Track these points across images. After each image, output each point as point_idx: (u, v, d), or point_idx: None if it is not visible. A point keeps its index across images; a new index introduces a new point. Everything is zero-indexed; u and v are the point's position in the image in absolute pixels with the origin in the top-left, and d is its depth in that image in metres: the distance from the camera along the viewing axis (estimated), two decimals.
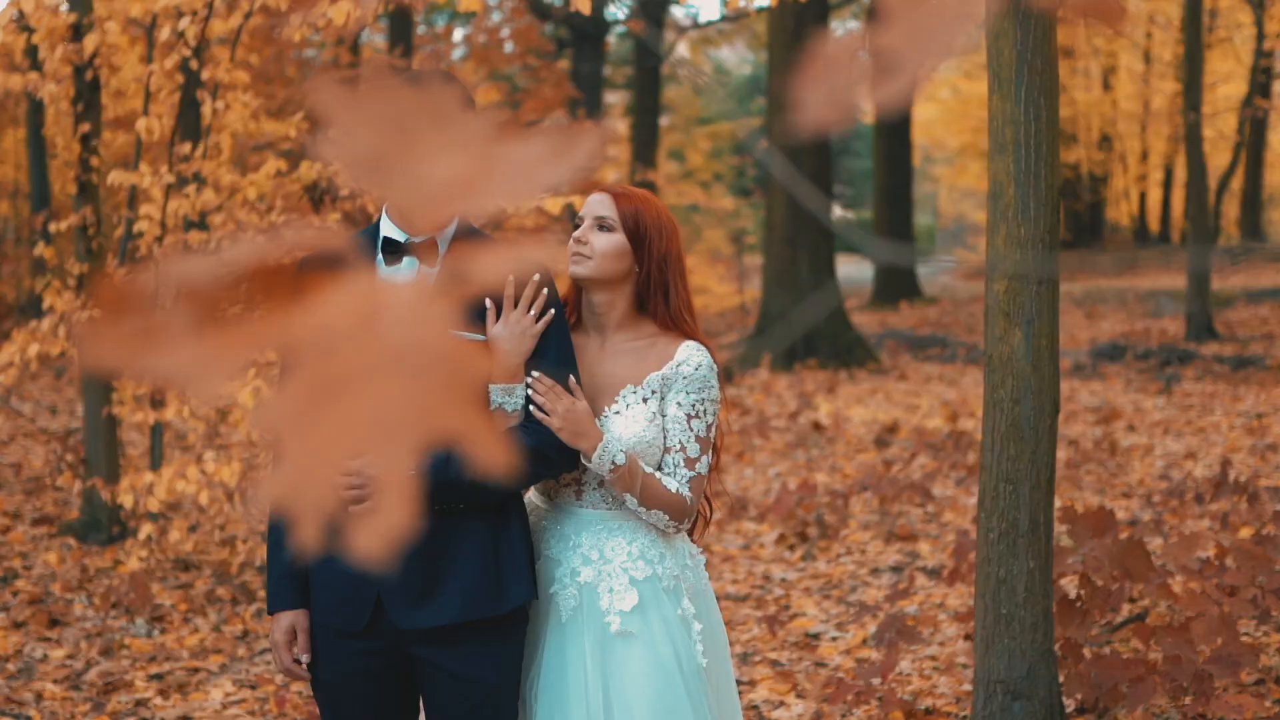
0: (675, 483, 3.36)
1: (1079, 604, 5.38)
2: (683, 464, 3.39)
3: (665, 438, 3.40)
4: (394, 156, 1.03)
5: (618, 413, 3.38)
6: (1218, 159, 30.02)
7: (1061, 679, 5.19)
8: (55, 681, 6.48)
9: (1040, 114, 4.88)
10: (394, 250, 3.27)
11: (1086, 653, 5.28)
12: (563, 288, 3.49)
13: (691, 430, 3.41)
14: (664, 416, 3.41)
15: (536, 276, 3.23)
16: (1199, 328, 18.20)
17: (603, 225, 3.42)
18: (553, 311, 3.26)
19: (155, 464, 8.16)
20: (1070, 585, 6.62)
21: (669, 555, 3.43)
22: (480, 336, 3.19)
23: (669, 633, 3.38)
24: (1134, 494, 10.00)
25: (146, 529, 7.61)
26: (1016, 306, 4.91)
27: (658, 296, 3.48)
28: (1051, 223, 4.92)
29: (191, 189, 7.98)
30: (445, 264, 3.29)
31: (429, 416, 0.88)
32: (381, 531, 0.86)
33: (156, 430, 8.22)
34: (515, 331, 3.21)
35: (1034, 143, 4.87)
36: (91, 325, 0.94)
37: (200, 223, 8.31)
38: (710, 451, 3.47)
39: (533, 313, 3.23)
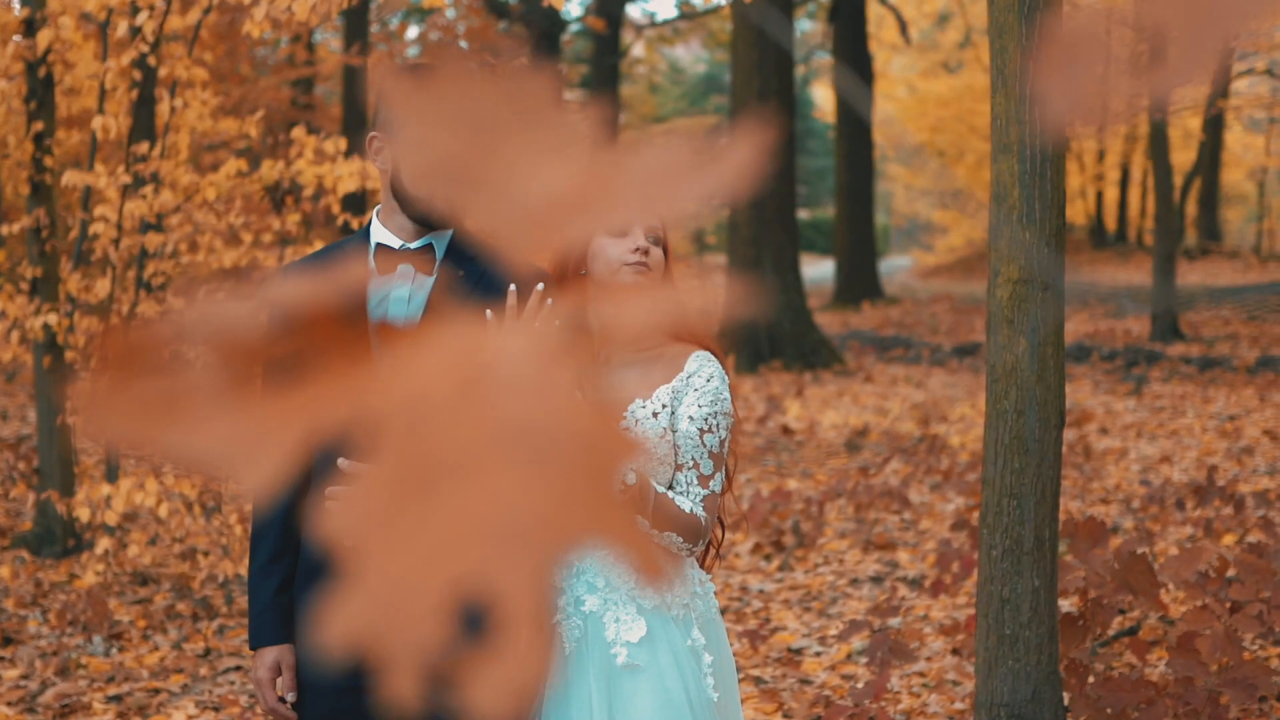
0: (689, 502, 3.14)
1: (1081, 622, 5.18)
2: (696, 482, 3.17)
3: (676, 454, 3.18)
4: (480, 165, 0.79)
5: (626, 429, 3.15)
6: (1176, 159, 30.00)
7: (1066, 701, 4.98)
8: (9, 704, 6.20)
9: (1046, 113, 4.68)
10: (387, 258, 3.06)
11: (1092, 674, 5.08)
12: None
13: (705, 446, 3.19)
14: (675, 432, 3.19)
15: (540, 286, 3.01)
16: (1164, 328, 18.11)
17: (654, 237, 3.20)
18: (557, 323, 3.03)
19: (112, 475, 7.88)
20: (1066, 601, 6.44)
21: (678, 582, 3.21)
22: None
23: (678, 665, 3.16)
24: (1112, 500, 9.83)
25: (104, 543, 7.33)
26: (1021, 314, 4.71)
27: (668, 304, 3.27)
28: (1057, 226, 4.72)
29: (149, 189, 7.70)
30: (441, 272, 3.08)
31: (565, 514, 0.65)
32: (509, 679, 0.63)
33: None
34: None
35: (1040, 142, 4.67)
36: (99, 388, 0.71)
37: (157, 225, 8.04)
38: (724, 469, 3.25)
39: (536, 324, 3.00)
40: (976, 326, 21.32)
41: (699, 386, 3.21)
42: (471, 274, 3.10)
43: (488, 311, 3.00)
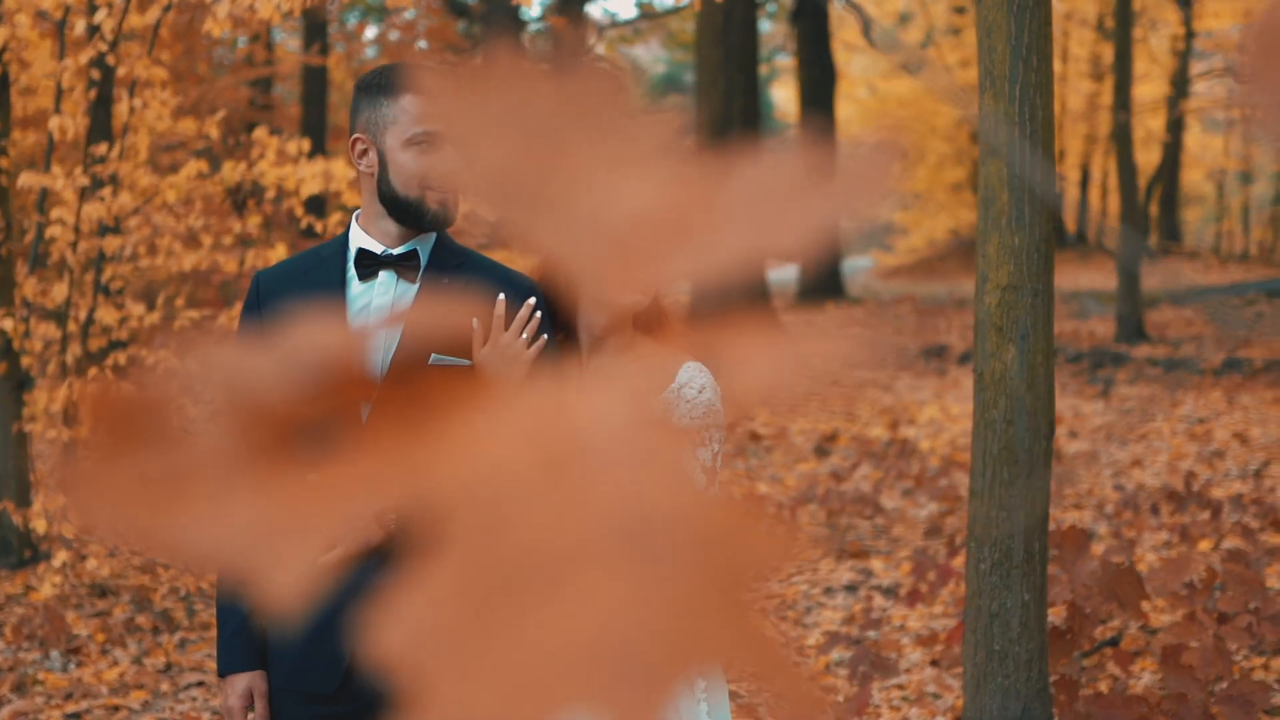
0: None
1: (1069, 635, 5.06)
2: None
3: None
4: (545, 179, 0.65)
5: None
6: (1137, 159, 30.02)
7: (1056, 718, 4.86)
8: None
9: (1036, 114, 4.56)
10: (369, 264, 2.90)
11: (1082, 690, 4.96)
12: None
13: (697, 459, 3.05)
14: None
15: (531, 300, 2.86)
16: (1130, 330, 18.04)
17: None
18: (545, 336, 2.89)
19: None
20: (1052, 612, 6.32)
21: None
22: (465, 362, 2.82)
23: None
24: (1085, 505, 9.72)
25: (61, 555, 7.14)
26: (1010, 320, 4.59)
27: (654, 313, 3.16)
28: (1047, 230, 4.60)
29: (107, 191, 7.51)
30: (425, 280, 2.93)
31: (692, 632, 0.50)
32: None
33: (70, 449, 7.73)
34: (506, 357, 2.83)
35: (1029, 145, 4.54)
36: (83, 460, 0.56)
37: (115, 227, 7.85)
38: (716, 482, 3.11)
39: (525, 336, 2.85)
40: (940, 328, 21.26)
41: (690, 398, 3.07)
42: (458, 282, 2.95)
43: (474, 321, 2.86)
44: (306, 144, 7.95)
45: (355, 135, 2.95)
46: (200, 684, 6.51)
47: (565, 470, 0.54)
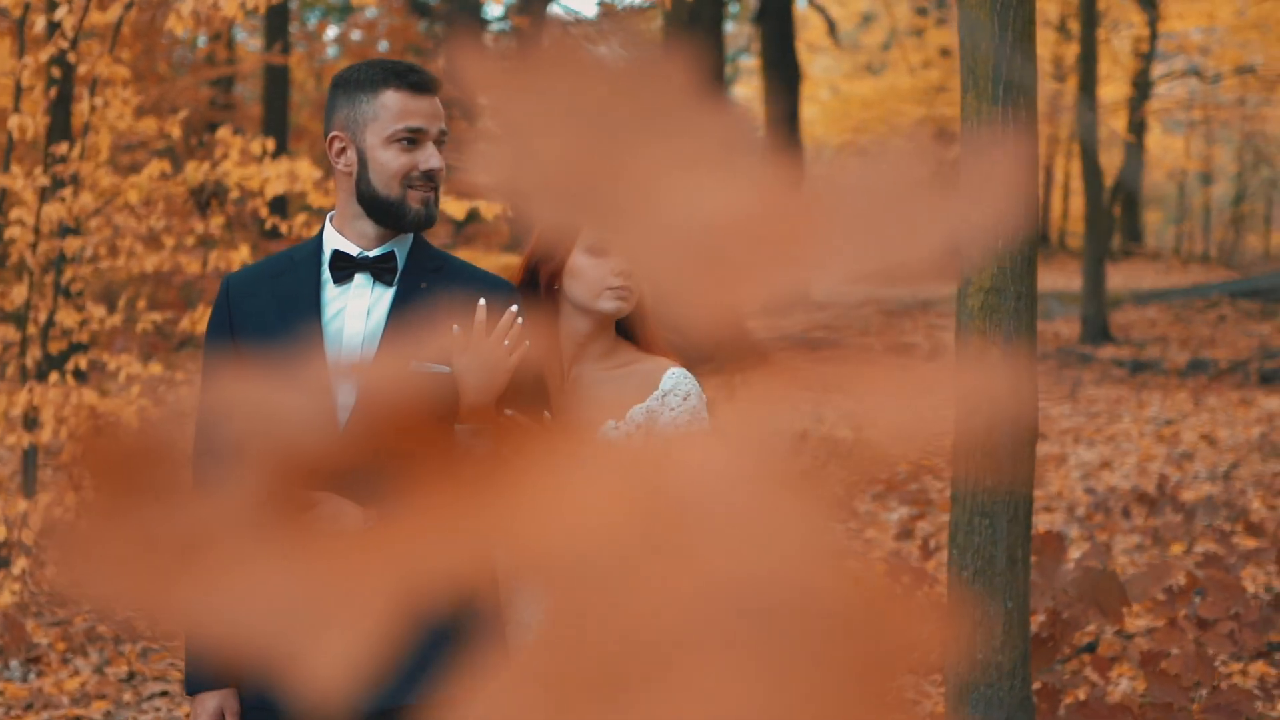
0: None
1: (1050, 643, 4.99)
2: None
3: None
4: (612, 181, 0.56)
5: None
6: (1100, 161, 30.11)
7: None
8: None
9: (1020, 113, 4.49)
10: (344, 267, 2.80)
11: (1064, 699, 4.89)
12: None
13: None
14: None
15: (514, 308, 2.76)
16: (1094, 331, 18.04)
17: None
18: (528, 343, 2.79)
19: (29, 490, 7.53)
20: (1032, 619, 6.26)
21: None
22: (445, 369, 2.72)
23: None
24: (1056, 508, 9.68)
25: (21, 562, 7.00)
26: (993, 324, 4.51)
27: (638, 316, 3.08)
28: (1031, 232, 4.53)
29: (68, 192, 7.38)
30: (402, 284, 2.82)
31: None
32: None
33: (30, 454, 7.59)
34: (487, 364, 2.72)
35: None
36: (82, 521, 0.47)
37: (76, 228, 7.71)
38: None
39: (507, 344, 2.75)
40: (905, 329, 21.24)
41: (675, 405, 2.99)
42: (436, 286, 2.85)
43: (454, 327, 2.76)
44: (271, 144, 7.84)
45: (333, 133, 2.85)
46: (164, 694, 6.39)
47: (666, 533, 0.44)
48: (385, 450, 0.50)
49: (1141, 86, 26.65)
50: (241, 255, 7.87)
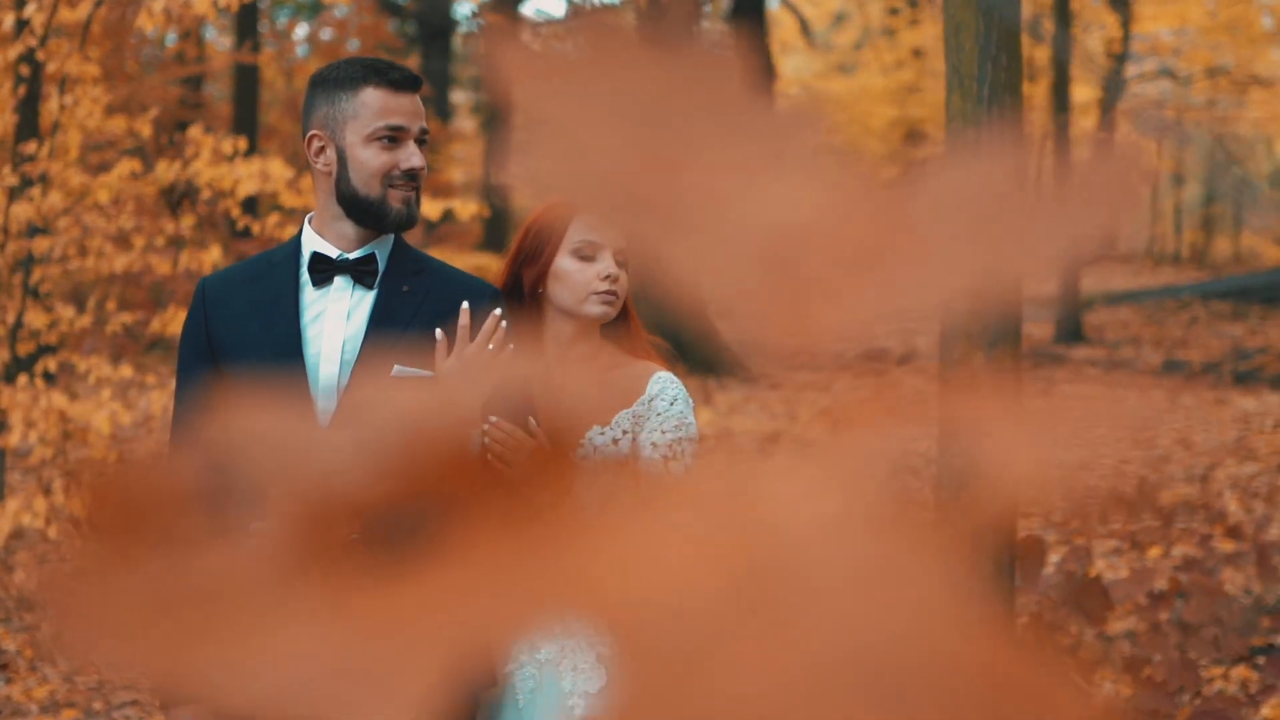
0: None
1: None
2: None
3: None
4: (664, 182, 0.50)
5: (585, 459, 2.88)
6: None
7: None
8: None
9: (1005, 114, 4.44)
10: (323, 269, 2.73)
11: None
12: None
13: (670, 474, 2.90)
14: (637, 460, 2.91)
15: (498, 311, 2.69)
16: (1068, 331, 18.07)
17: (622, 259, 2.94)
18: (512, 347, 2.72)
19: None
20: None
21: None
22: (428, 373, 2.65)
23: None
24: (1031, 512, 9.64)
25: None
26: (979, 326, 4.46)
27: (622, 319, 3.03)
28: None
29: (36, 191, 7.28)
30: (384, 286, 2.76)
31: None
32: None
33: None
34: (471, 368, 2.66)
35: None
36: (88, 574, 0.41)
37: (45, 228, 7.62)
38: None
39: (491, 347, 2.68)
40: (878, 330, 21.23)
41: (661, 411, 2.94)
42: (418, 289, 2.78)
43: (438, 331, 2.70)
44: (243, 143, 7.76)
45: (311, 132, 2.78)
46: (134, 702, 6.31)
47: (763, 588, 0.38)
48: (421, 483, 0.44)
49: (1113, 88, 26.71)
50: (213, 256, 7.78)
